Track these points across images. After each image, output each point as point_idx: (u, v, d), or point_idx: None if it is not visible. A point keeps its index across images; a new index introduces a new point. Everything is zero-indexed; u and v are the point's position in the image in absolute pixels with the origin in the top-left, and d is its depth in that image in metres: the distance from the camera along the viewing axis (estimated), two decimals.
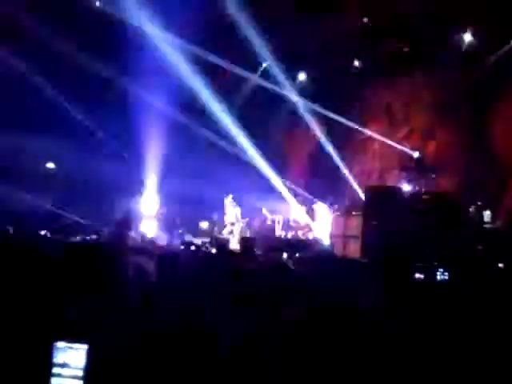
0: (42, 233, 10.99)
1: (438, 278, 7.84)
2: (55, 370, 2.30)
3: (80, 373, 2.31)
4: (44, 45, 14.60)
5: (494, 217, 13.00)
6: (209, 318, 2.81)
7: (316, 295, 2.66)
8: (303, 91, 17.92)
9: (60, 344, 2.31)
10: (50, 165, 16.78)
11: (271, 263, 5.68)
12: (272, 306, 3.08)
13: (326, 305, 2.53)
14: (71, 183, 16.20)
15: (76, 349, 2.31)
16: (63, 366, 2.30)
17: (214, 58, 15.98)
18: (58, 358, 2.30)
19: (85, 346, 2.31)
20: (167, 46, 15.26)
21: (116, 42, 14.89)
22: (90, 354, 2.31)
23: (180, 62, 15.39)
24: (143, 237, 15.22)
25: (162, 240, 14.65)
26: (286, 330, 2.54)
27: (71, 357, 2.31)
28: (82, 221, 15.41)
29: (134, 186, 17.04)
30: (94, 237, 13.07)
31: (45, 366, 2.30)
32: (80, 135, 15.73)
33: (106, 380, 2.36)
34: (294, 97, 17.73)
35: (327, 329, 2.42)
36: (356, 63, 16.92)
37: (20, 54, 14.52)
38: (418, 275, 5.84)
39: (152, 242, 14.08)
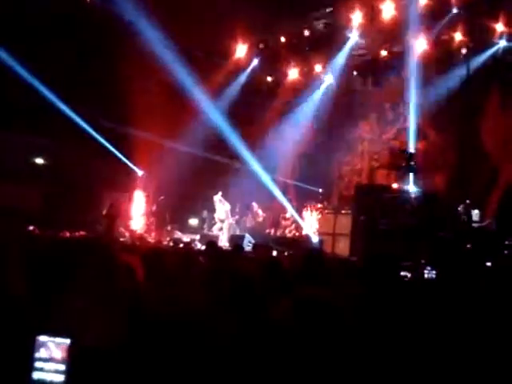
0: (30, 228, 10.90)
1: (426, 276, 7.87)
2: (37, 364, 2.28)
3: (62, 367, 2.29)
4: (34, 39, 14.56)
5: (482, 215, 13.06)
6: (197, 317, 2.80)
7: (304, 293, 2.65)
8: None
9: (42, 338, 2.29)
10: (39, 160, 16.70)
11: (260, 261, 5.66)
12: (259, 304, 3.07)
13: (312, 303, 2.51)
14: (60, 178, 16.15)
15: (58, 343, 2.29)
16: (45, 360, 2.28)
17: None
18: (41, 352, 2.28)
19: (67, 341, 2.29)
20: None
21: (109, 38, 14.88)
22: (72, 349, 2.29)
23: (170, 58, 15.38)
24: (133, 233, 15.21)
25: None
26: (273, 329, 2.53)
27: (53, 351, 2.29)
28: (71, 216, 15.34)
29: (125, 182, 17.02)
30: (83, 232, 13.00)
31: (27, 359, 2.29)
32: (70, 131, 15.67)
33: (87, 375, 2.35)
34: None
35: (313, 328, 2.41)
36: None
37: (9, 48, 14.44)
38: (404, 273, 5.86)
39: (141, 238, 14.06)
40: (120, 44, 14.71)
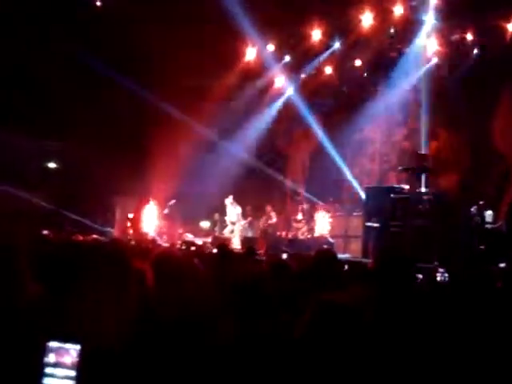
0: (45, 232, 10.96)
1: (438, 278, 7.82)
2: (48, 370, 2.28)
3: (72, 373, 2.29)
4: (48, 45, 14.65)
5: (495, 217, 12.95)
6: (202, 320, 2.79)
7: (317, 297, 2.62)
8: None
9: (52, 343, 2.29)
10: (51, 164, 16.79)
11: (271, 263, 5.62)
12: (269, 307, 3.04)
13: (333, 310, 2.47)
14: (72, 182, 16.24)
15: (68, 349, 2.29)
16: (55, 365, 2.28)
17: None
18: (51, 357, 2.29)
19: (77, 347, 2.29)
20: None
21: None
22: (82, 355, 2.29)
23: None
24: (145, 236, 15.24)
25: None
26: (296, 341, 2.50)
27: (64, 357, 2.29)
28: (82, 220, 15.43)
29: (136, 186, 17.05)
30: (95, 236, 13.05)
31: (37, 365, 2.29)
32: (83, 135, 15.75)
33: (98, 380, 2.34)
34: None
35: (335, 335, 2.38)
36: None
37: (23, 51, 14.55)
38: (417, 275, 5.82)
39: (153, 241, 14.08)
40: (136, 50, 14.75)
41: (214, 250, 10.99)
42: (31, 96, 14.48)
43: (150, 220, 16.91)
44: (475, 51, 14.66)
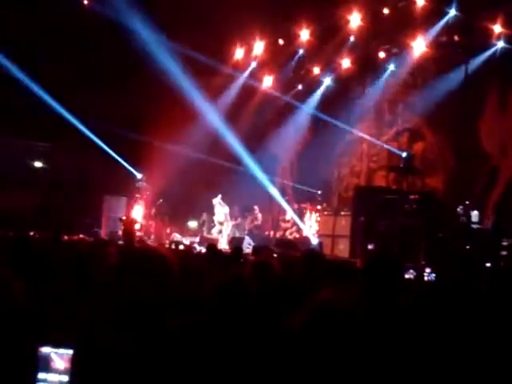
0: (31, 234, 10.87)
1: (426, 278, 7.89)
2: (40, 376, 2.27)
3: (65, 378, 2.28)
4: (33, 43, 14.59)
5: (481, 216, 13.05)
6: (196, 324, 2.79)
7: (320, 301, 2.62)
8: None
9: (45, 349, 2.28)
10: (38, 163, 16.68)
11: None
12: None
13: (330, 311, 2.48)
14: (59, 181, 16.15)
15: (61, 354, 2.28)
16: (48, 371, 2.27)
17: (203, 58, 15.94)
18: (43, 363, 2.28)
19: (70, 351, 2.28)
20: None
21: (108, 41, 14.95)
22: (75, 359, 2.28)
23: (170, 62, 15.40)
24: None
25: None
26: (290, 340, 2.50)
27: (56, 362, 2.29)
28: (69, 219, 15.33)
29: (124, 185, 17.00)
30: (82, 236, 12.99)
31: (30, 371, 2.28)
32: (70, 134, 15.67)
33: None
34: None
35: (333, 336, 2.39)
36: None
37: (9, 53, 14.48)
38: (408, 276, 5.87)
39: (141, 241, 14.04)
40: (119, 47, 14.73)
41: (203, 250, 11.00)
42: (19, 96, 14.40)
43: (138, 219, 16.86)
44: (461, 52, 14.73)
